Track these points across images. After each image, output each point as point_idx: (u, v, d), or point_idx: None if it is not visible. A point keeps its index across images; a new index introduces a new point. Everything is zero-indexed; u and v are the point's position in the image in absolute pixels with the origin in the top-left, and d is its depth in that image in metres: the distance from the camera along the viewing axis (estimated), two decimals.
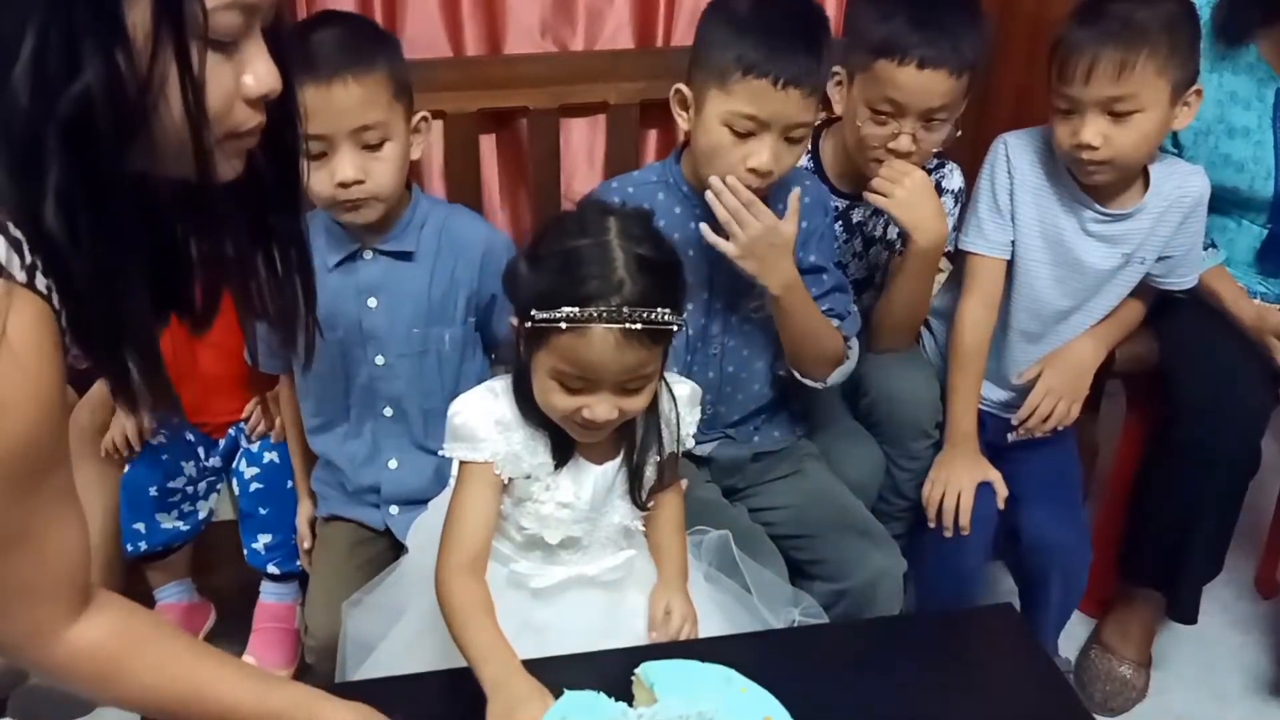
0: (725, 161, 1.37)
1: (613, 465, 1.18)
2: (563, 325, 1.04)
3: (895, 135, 1.52)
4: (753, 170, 1.36)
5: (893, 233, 1.68)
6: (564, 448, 1.16)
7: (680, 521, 1.29)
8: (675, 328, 1.07)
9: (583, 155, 2.01)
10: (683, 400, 1.22)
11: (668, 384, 1.19)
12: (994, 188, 1.62)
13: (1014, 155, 1.61)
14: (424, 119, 1.40)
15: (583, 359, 1.05)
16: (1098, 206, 1.59)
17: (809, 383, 1.53)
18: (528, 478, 1.15)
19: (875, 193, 1.53)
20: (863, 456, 1.65)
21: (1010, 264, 1.64)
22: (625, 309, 1.03)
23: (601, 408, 1.08)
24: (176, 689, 0.90)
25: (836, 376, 1.54)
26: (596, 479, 1.17)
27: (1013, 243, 1.63)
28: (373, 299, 1.43)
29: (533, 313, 1.06)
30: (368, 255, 1.43)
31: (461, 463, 1.16)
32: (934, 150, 1.58)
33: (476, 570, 1.12)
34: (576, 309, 1.03)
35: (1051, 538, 1.63)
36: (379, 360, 1.44)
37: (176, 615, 1.61)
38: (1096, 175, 1.54)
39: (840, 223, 1.68)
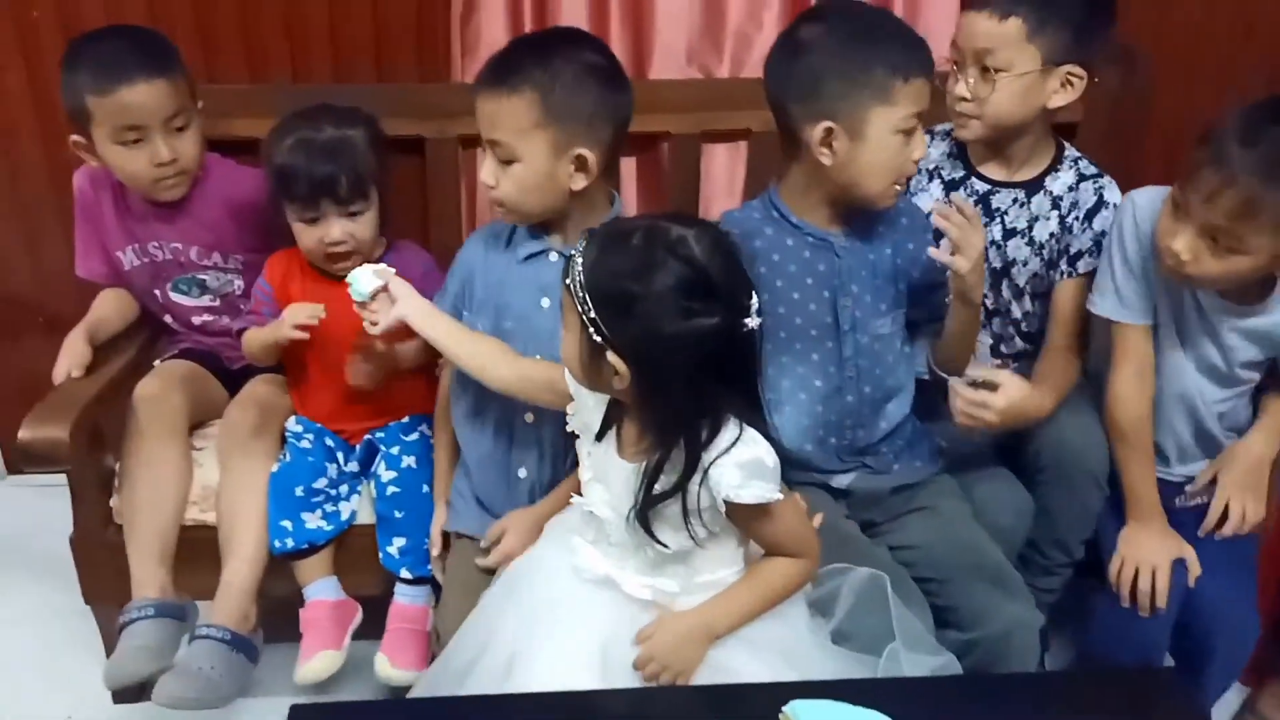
0: (896, 166, 1.44)
1: (634, 468, 1.19)
2: None
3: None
4: (915, 161, 1.45)
5: (1040, 233, 1.65)
6: (606, 423, 1.23)
7: (763, 579, 1.24)
8: (568, 280, 1.15)
9: (723, 182, 2.02)
10: (731, 460, 1.15)
11: (730, 439, 1.16)
12: (1125, 250, 1.55)
13: (1140, 217, 1.53)
14: (581, 157, 1.41)
15: None
16: (1219, 295, 1.51)
17: (944, 374, 1.58)
18: (580, 435, 1.27)
19: (971, 418, 1.52)
20: (1007, 500, 1.60)
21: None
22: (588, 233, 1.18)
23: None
24: None
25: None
26: (618, 470, 1.21)
27: (1155, 309, 1.55)
28: (546, 299, 1.47)
29: None
30: (553, 257, 1.47)
31: None
32: (994, 107, 1.56)
33: None
34: None
35: (1220, 608, 1.53)
36: (536, 359, 1.47)
37: (325, 612, 1.66)
38: (1173, 277, 1.47)
39: (980, 205, 1.65)
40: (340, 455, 1.72)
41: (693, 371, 1.12)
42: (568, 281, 1.15)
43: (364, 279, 1.46)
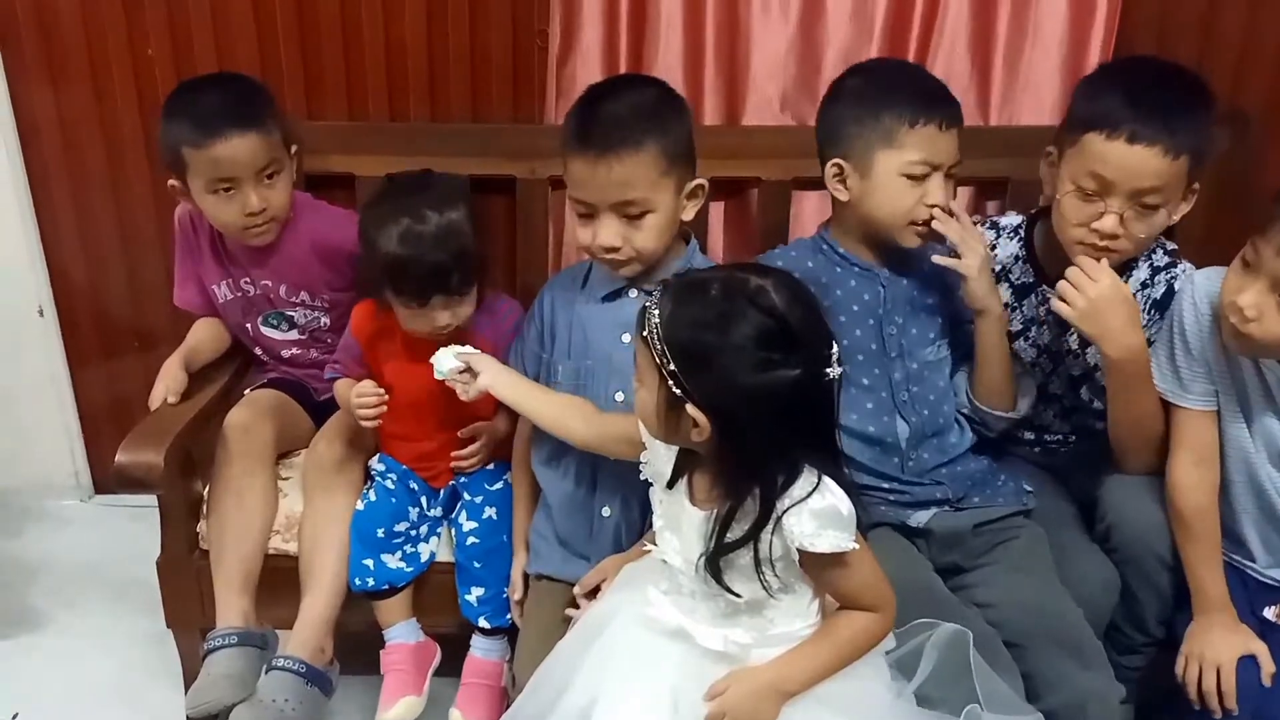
0: (905, 207, 1.50)
1: (705, 515, 1.18)
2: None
3: (1100, 215, 1.47)
4: (932, 206, 1.49)
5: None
6: (678, 471, 1.23)
7: (837, 634, 1.21)
8: (645, 334, 1.13)
9: (812, 227, 1.98)
10: (807, 508, 1.13)
11: (807, 488, 1.14)
12: (1184, 331, 1.48)
13: (1199, 298, 1.47)
14: (700, 186, 1.48)
15: None
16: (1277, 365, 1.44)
17: (988, 410, 1.59)
18: (652, 483, 1.27)
19: (1060, 299, 1.47)
20: (1093, 574, 1.54)
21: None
22: (661, 285, 1.18)
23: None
24: None
25: (1023, 406, 1.61)
26: (690, 518, 1.19)
27: (1216, 393, 1.48)
28: (627, 335, 1.47)
29: None
30: (633, 294, 1.49)
31: None
32: (1145, 238, 1.49)
33: None
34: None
35: None
36: (619, 396, 1.48)
37: (405, 655, 1.65)
38: (1231, 340, 1.40)
39: (1051, 315, 1.61)
40: (424, 499, 1.72)
41: (773, 422, 1.11)
42: (645, 334, 1.13)
43: (445, 360, 1.52)
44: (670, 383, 1.11)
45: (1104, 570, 1.54)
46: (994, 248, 1.69)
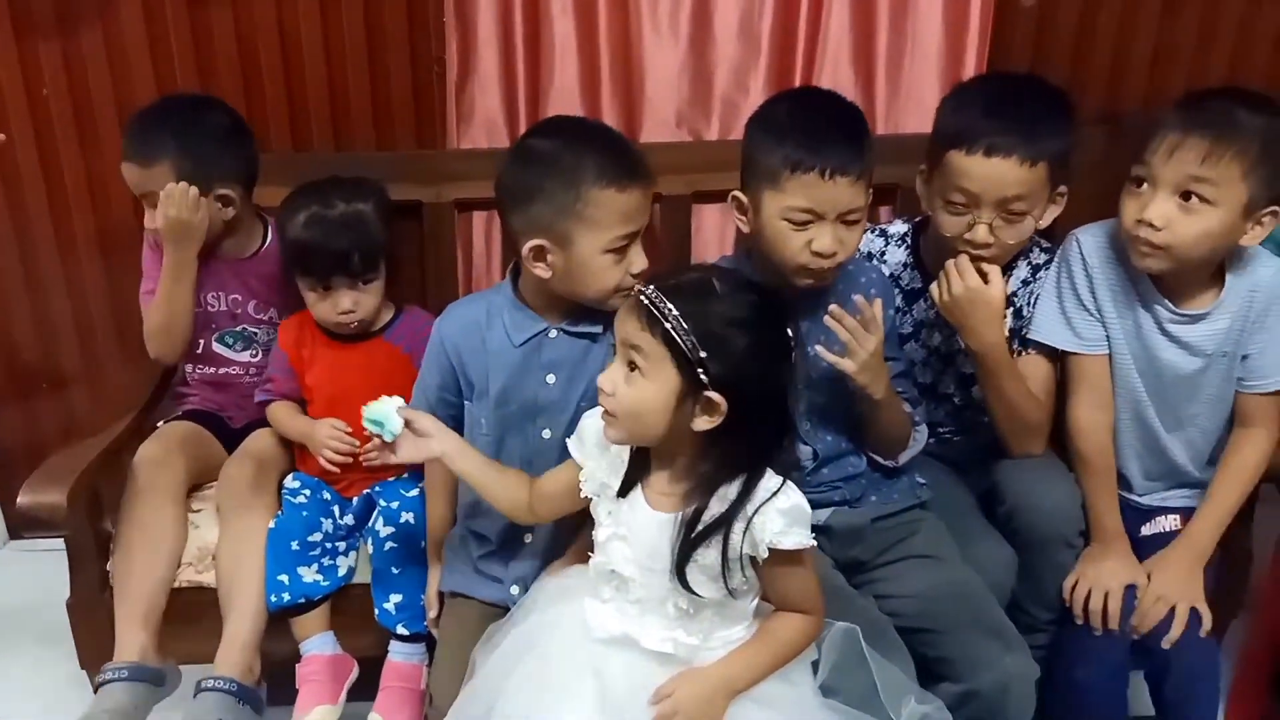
0: (790, 250, 1.47)
1: (668, 518, 1.21)
2: None
3: (972, 226, 1.53)
4: (817, 254, 1.45)
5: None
6: (629, 479, 1.24)
7: (777, 636, 1.25)
8: (669, 327, 1.15)
9: (714, 239, 2.06)
10: (774, 507, 1.19)
11: (772, 487, 1.19)
12: (1074, 285, 1.60)
13: (1087, 251, 1.59)
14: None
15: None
16: (1169, 304, 1.55)
17: (872, 456, 1.60)
18: (596, 497, 1.28)
19: (938, 288, 1.55)
20: (993, 556, 1.60)
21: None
22: (652, 287, 1.19)
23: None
24: None
25: (904, 457, 1.60)
26: (648, 523, 1.22)
27: (1107, 338, 1.59)
28: (551, 375, 1.48)
29: None
30: (552, 334, 1.49)
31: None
32: (1014, 243, 1.56)
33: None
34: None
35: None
36: (546, 434, 1.49)
37: (321, 666, 1.66)
38: (1149, 259, 1.50)
39: (938, 315, 1.66)
40: (336, 509, 1.74)
41: (774, 396, 1.19)
42: (667, 328, 1.15)
43: (393, 419, 1.41)
44: (699, 371, 1.15)
45: (1002, 552, 1.61)
46: (883, 254, 1.76)
